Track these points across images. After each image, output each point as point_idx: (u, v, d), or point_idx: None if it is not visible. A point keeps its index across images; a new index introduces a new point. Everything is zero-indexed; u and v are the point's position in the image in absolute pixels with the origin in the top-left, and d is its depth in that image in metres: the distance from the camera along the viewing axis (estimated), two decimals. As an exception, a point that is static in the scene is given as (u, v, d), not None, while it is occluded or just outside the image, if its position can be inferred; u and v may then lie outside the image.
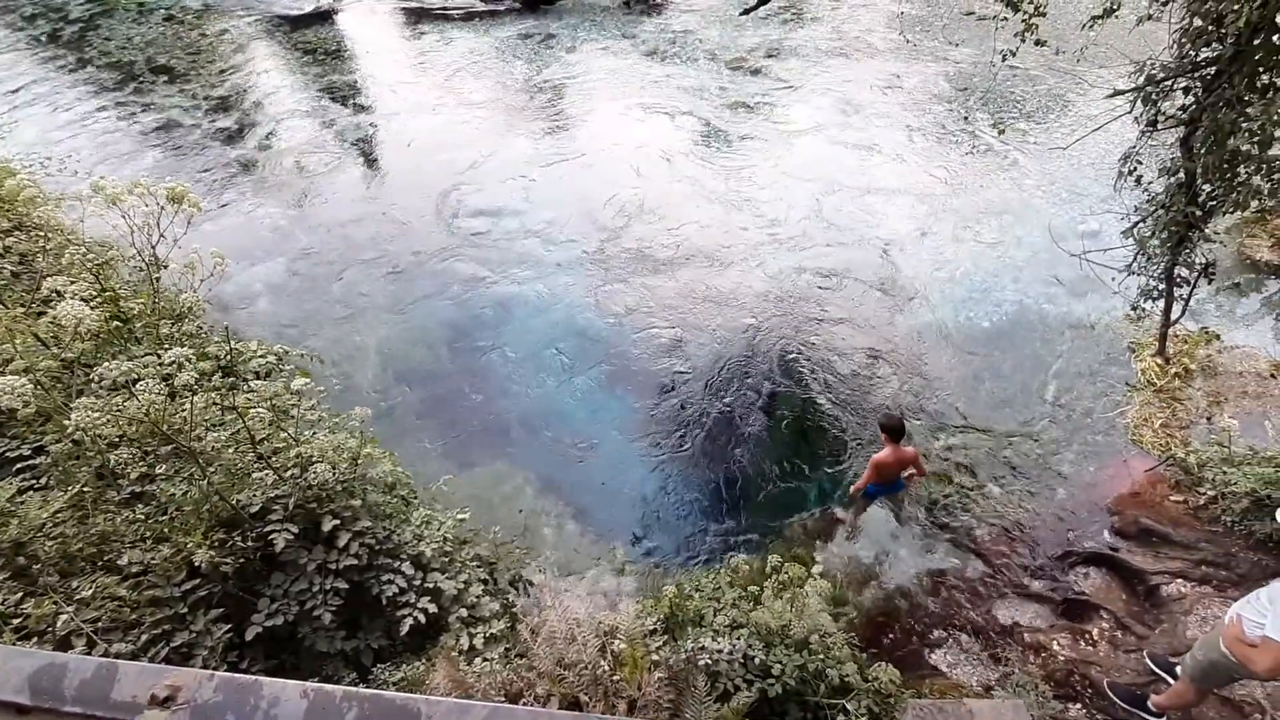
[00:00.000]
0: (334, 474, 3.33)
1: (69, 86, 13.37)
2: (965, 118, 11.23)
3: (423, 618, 3.28)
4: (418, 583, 3.43)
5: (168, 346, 3.10)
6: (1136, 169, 5.57)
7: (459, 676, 2.91)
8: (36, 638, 2.58)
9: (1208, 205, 5.40)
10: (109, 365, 2.85)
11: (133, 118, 12.34)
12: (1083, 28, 5.26)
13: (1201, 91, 5.03)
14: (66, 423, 2.84)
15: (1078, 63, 10.45)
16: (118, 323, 4.06)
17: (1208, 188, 5.33)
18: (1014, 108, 11.54)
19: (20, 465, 3.33)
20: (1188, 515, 5.47)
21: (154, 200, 3.63)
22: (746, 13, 8.96)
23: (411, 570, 3.43)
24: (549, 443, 6.92)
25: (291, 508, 3.22)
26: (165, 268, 3.90)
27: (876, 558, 5.59)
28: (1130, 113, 5.38)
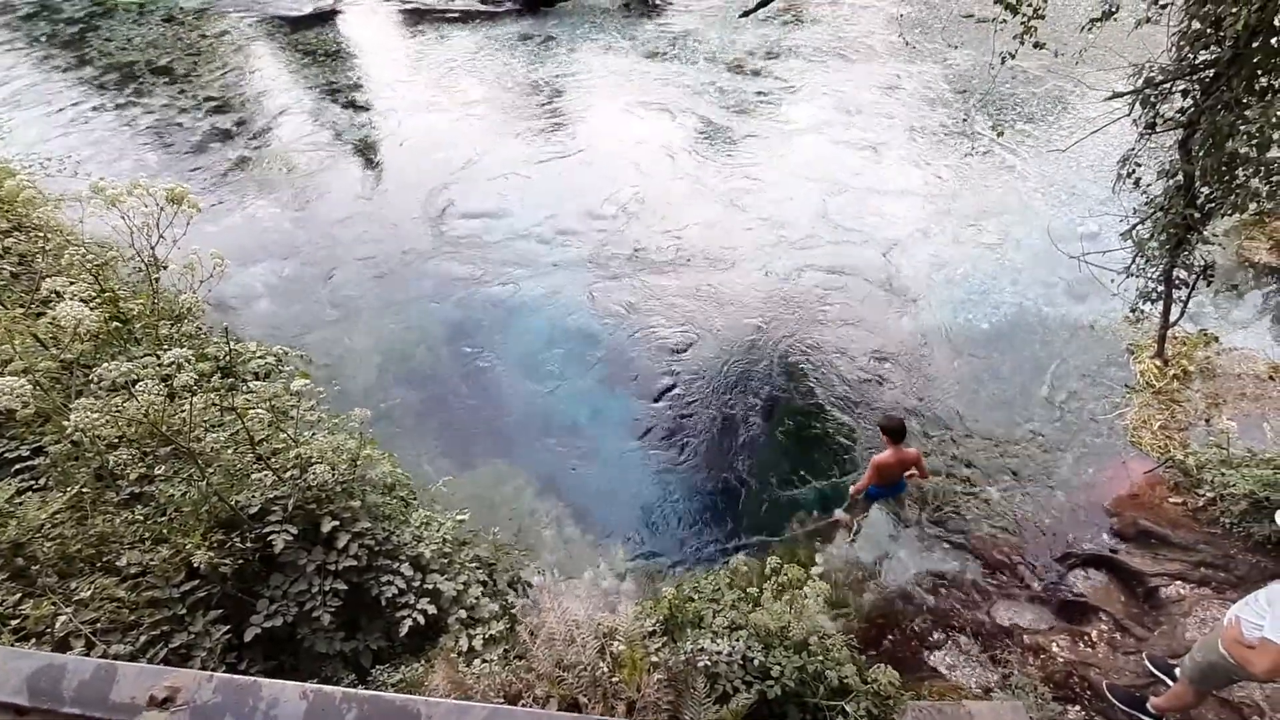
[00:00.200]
0: (333, 475, 3.33)
1: (69, 87, 13.37)
2: (965, 119, 11.24)
3: (422, 619, 3.28)
4: (417, 584, 3.43)
5: (167, 347, 3.10)
6: (1135, 171, 5.58)
7: (458, 678, 2.91)
8: (35, 639, 2.58)
9: (1206, 208, 5.41)
10: (108, 366, 2.86)
11: (133, 119, 12.34)
12: (1081, 30, 5.28)
13: (1200, 94, 5.04)
14: (65, 423, 2.84)
15: (1077, 65, 10.47)
16: (117, 323, 4.06)
17: (1206, 190, 5.34)
18: (1013, 110, 11.56)
19: (19, 466, 3.33)
20: (1186, 517, 5.48)
21: (153, 201, 3.63)
22: (746, 14, 8.98)
23: (411, 571, 3.43)
24: (549, 444, 6.91)
25: (291, 509, 3.22)
26: (165, 268, 3.90)
27: (876, 559, 5.59)
28: (1129, 115, 5.39)
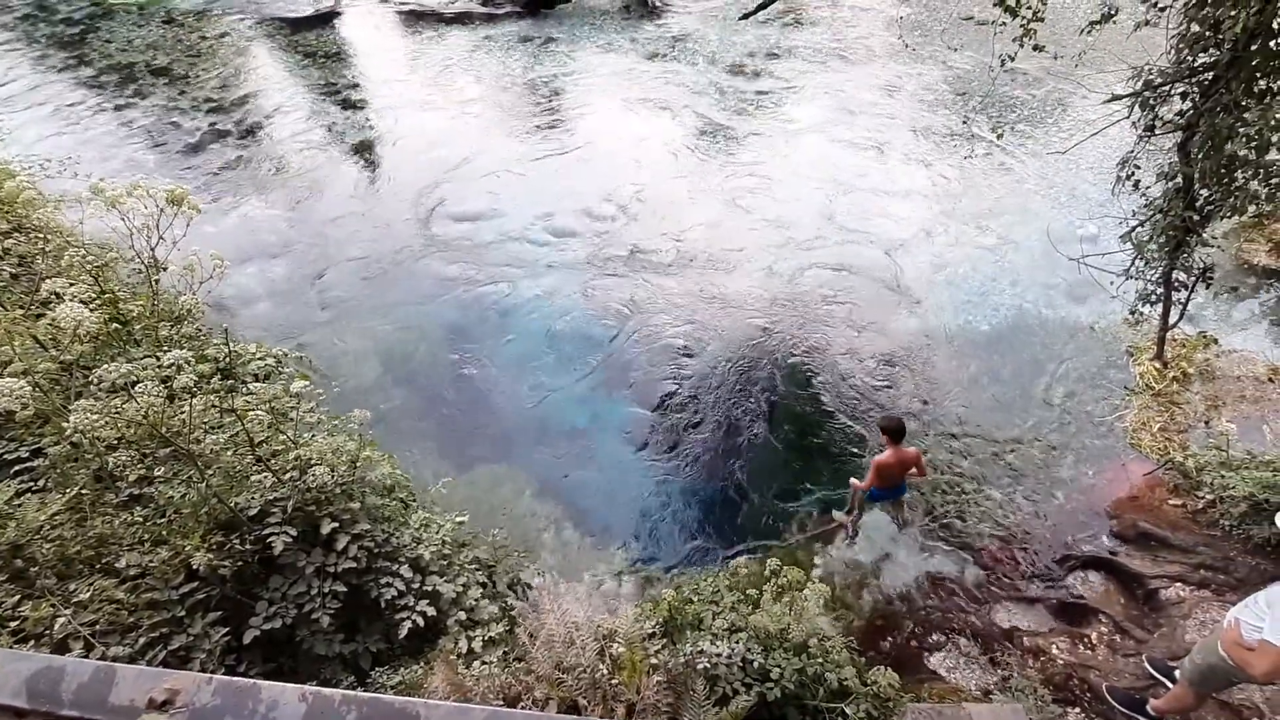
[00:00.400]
0: (333, 477, 3.32)
1: (69, 89, 13.38)
2: (965, 121, 11.25)
3: (421, 621, 3.28)
4: (416, 586, 3.43)
5: (167, 349, 3.10)
6: (1134, 173, 5.58)
7: (457, 680, 2.90)
8: (34, 640, 2.57)
9: (1205, 210, 5.42)
10: (108, 368, 2.85)
11: (133, 120, 12.35)
12: (1081, 33, 5.29)
13: (1199, 97, 5.05)
14: (65, 425, 2.84)
15: (1076, 67, 10.47)
16: (117, 325, 4.06)
17: (1205, 192, 5.35)
18: (1013, 112, 11.57)
19: (19, 467, 3.33)
20: (1186, 519, 5.48)
21: (153, 202, 3.63)
22: (746, 17, 8.99)
23: (410, 573, 3.43)
24: (548, 446, 6.91)
25: (290, 510, 3.22)
26: (164, 270, 3.90)
27: (876, 561, 5.59)
28: (1128, 118, 5.40)
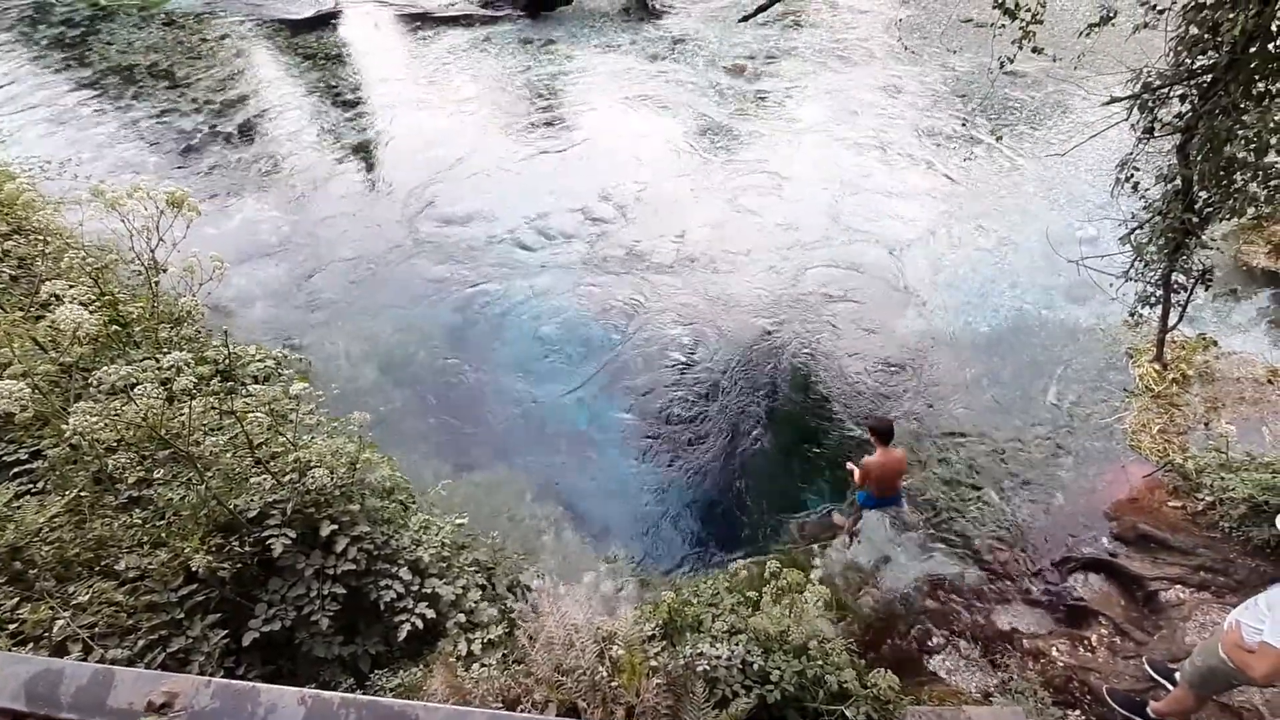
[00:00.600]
0: (332, 479, 3.32)
1: (70, 90, 13.38)
2: (965, 123, 11.27)
3: (420, 623, 3.27)
4: (415, 588, 3.42)
5: (166, 351, 3.10)
6: (1133, 176, 5.59)
7: (457, 682, 2.90)
8: (33, 643, 2.57)
9: (1204, 212, 5.42)
10: (107, 369, 2.85)
11: (133, 121, 12.35)
12: (1080, 35, 5.30)
13: (1198, 99, 5.05)
14: (64, 427, 2.84)
15: (1075, 70, 10.50)
16: (116, 327, 4.06)
17: (1204, 194, 5.35)
18: (1013, 113, 11.58)
19: (17, 469, 3.32)
20: (1186, 521, 5.47)
21: (153, 204, 3.64)
22: (746, 19, 9.01)
23: (409, 575, 3.42)
24: (548, 447, 6.91)
25: (289, 512, 3.22)
26: (164, 271, 3.91)
27: (875, 564, 5.58)
28: (1127, 120, 5.41)
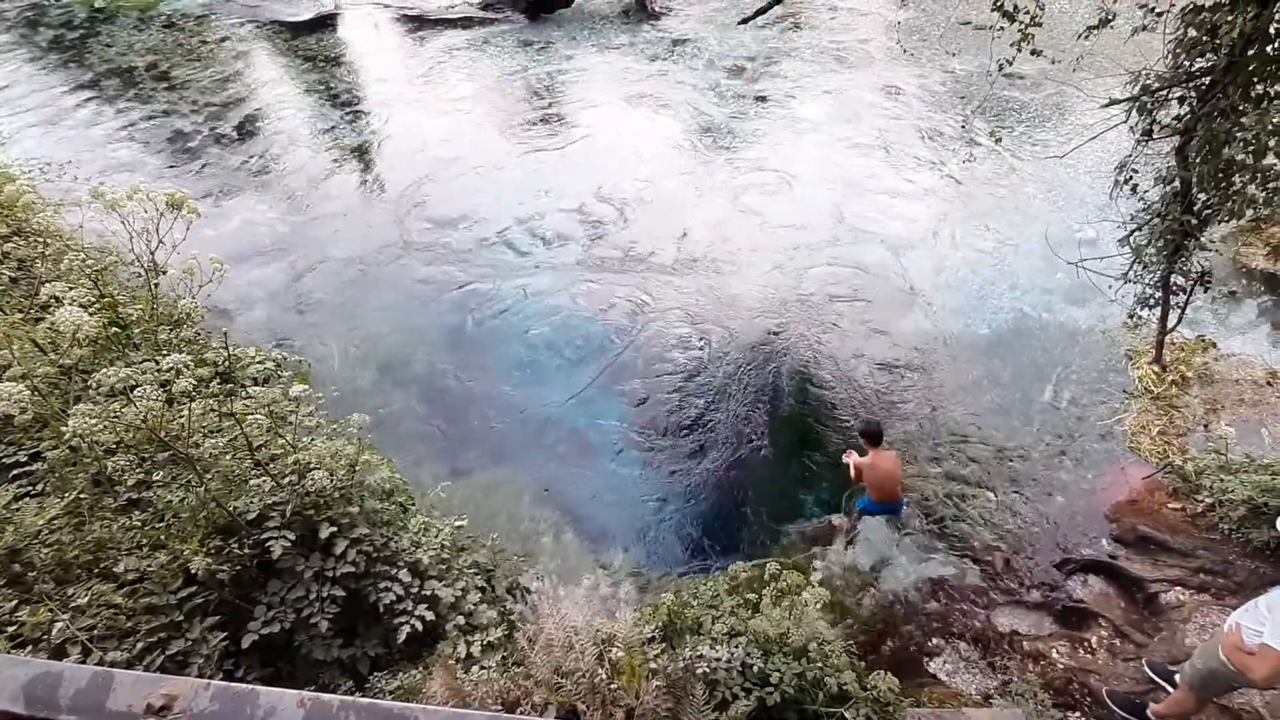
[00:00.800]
0: (331, 481, 3.32)
1: (69, 92, 13.40)
2: (964, 125, 11.28)
3: (420, 625, 3.27)
4: (415, 590, 3.42)
5: (166, 352, 3.10)
6: (1132, 178, 5.60)
7: (456, 685, 2.89)
8: (31, 646, 2.56)
9: (1203, 214, 5.43)
10: (107, 371, 2.85)
11: (133, 124, 12.36)
12: (1078, 38, 5.31)
13: (1196, 101, 5.06)
14: (64, 429, 2.84)
15: (1074, 72, 10.51)
16: (116, 328, 4.06)
17: (1203, 196, 5.36)
18: (1012, 115, 11.60)
19: (17, 472, 3.32)
20: (1185, 523, 5.47)
21: (153, 206, 3.63)
22: (745, 21, 9.04)
23: (409, 577, 3.42)
24: (548, 449, 6.91)
25: (289, 515, 3.21)
26: (164, 273, 3.90)
27: (875, 565, 5.58)
28: (1126, 122, 5.41)
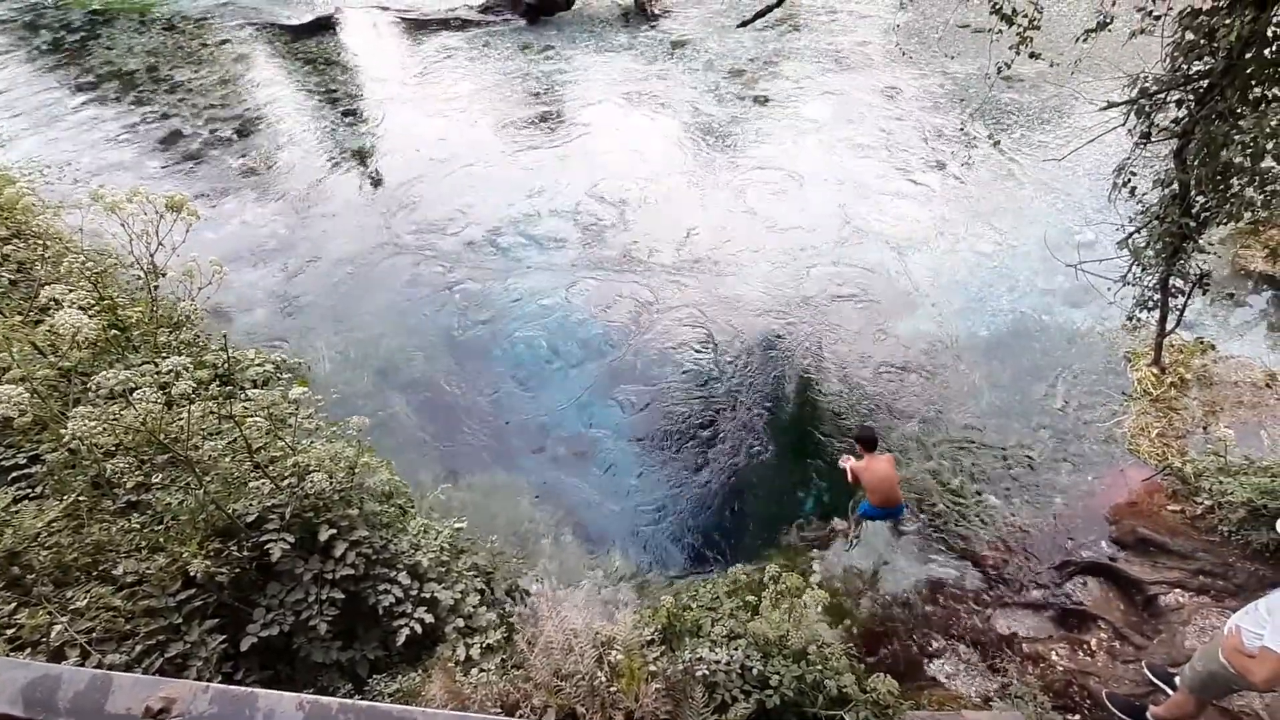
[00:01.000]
0: (331, 483, 3.32)
1: (69, 95, 13.42)
2: (962, 128, 11.30)
3: (419, 628, 3.27)
4: (414, 593, 3.42)
5: (165, 355, 3.10)
6: (1131, 180, 5.60)
7: (455, 687, 2.89)
8: (30, 648, 2.56)
9: (1201, 216, 5.43)
10: (106, 374, 2.85)
11: (132, 126, 12.38)
12: (1076, 41, 5.32)
13: (1194, 104, 5.07)
14: (63, 431, 2.84)
15: (1073, 74, 10.54)
16: (115, 331, 4.06)
17: (1201, 199, 5.37)
18: (1011, 118, 11.61)
19: (16, 474, 3.32)
20: (1185, 525, 5.47)
21: (153, 208, 3.64)
22: (745, 24, 9.06)
23: (408, 580, 3.42)
24: (547, 451, 6.90)
25: (288, 517, 3.21)
26: (164, 276, 3.91)
27: (875, 568, 5.58)
28: (1124, 124, 5.42)
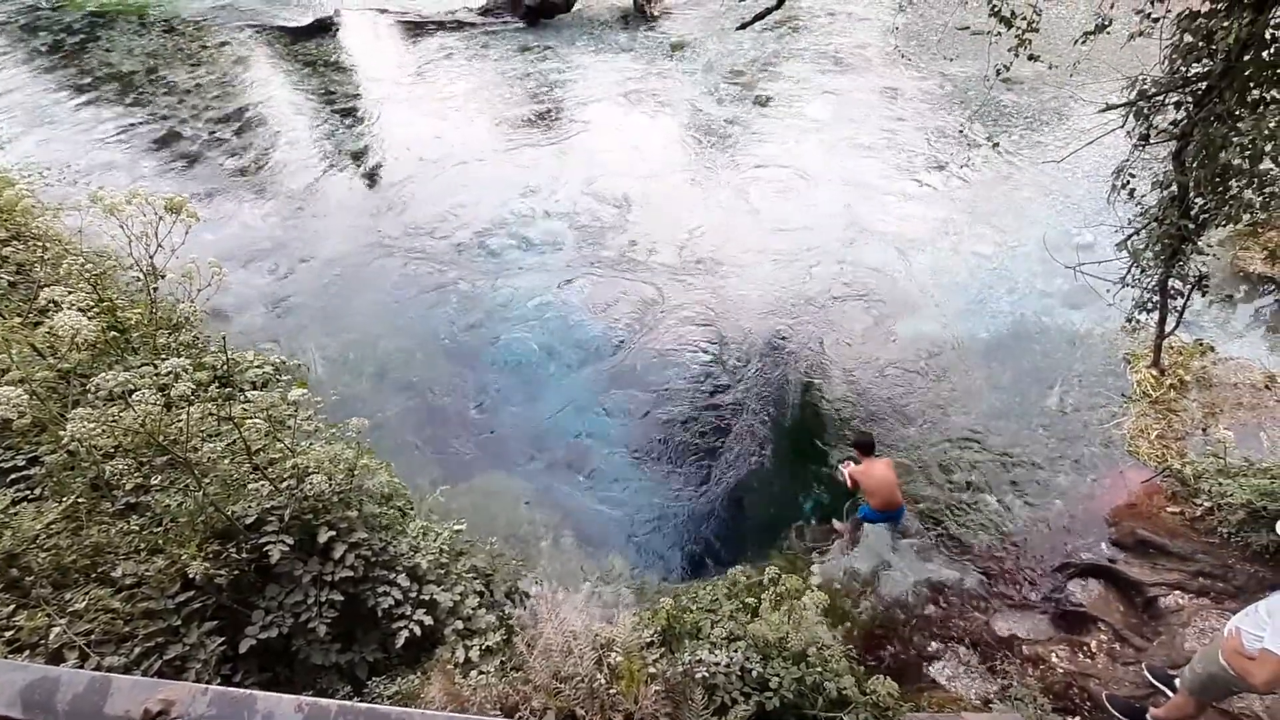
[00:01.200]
0: (330, 485, 3.31)
1: (69, 97, 13.43)
2: (961, 130, 11.32)
3: (418, 630, 3.26)
4: (413, 595, 3.41)
5: (164, 356, 3.10)
6: (1130, 182, 5.61)
7: (454, 690, 2.89)
8: (29, 650, 2.56)
9: (1200, 218, 5.44)
10: (105, 375, 2.85)
11: (132, 128, 12.39)
12: (1075, 43, 5.32)
13: (1193, 106, 5.08)
14: (62, 433, 2.83)
15: (1072, 76, 10.56)
16: (115, 333, 4.06)
17: (1200, 201, 5.37)
18: (1010, 119, 11.64)
19: (15, 476, 3.31)
20: (1184, 526, 5.47)
21: (152, 210, 3.64)
22: (743, 27, 9.06)
23: (407, 582, 3.41)
24: (547, 453, 6.90)
25: (287, 519, 3.21)
26: (163, 277, 3.91)
27: (875, 570, 5.57)
28: (1123, 127, 5.43)
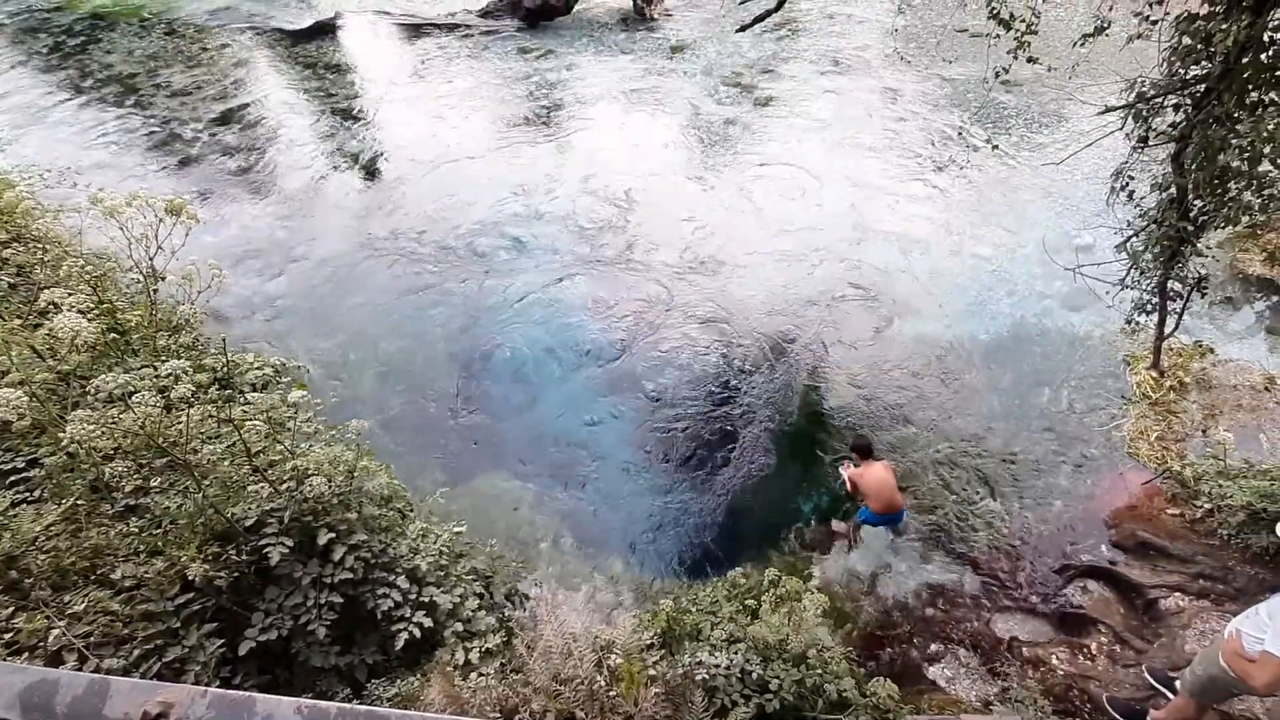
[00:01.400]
0: (330, 487, 3.31)
1: (69, 99, 13.44)
2: (960, 132, 11.34)
3: (418, 632, 3.26)
4: (413, 597, 3.41)
5: (164, 359, 3.10)
6: (1129, 184, 5.62)
7: (454, 692, 2.88)
8: (28, 653, 2.55)
9: (1199, 220, 5.45)
10: (105, 377, 2.85)
11: (132, 130, 12.40)
12: (1074, 45, 5.33)
13: (1191, 108, 5.09)
14: (61, 435, 2.83)
15: (1071, 79, 10.57)
16: (115, 335, 4.06)
17: (1199, 203, 5.38)
18: (1009, 121, 11.65)
19: (14, 478, 3.31)
20: (1184, 528, 5.47)
21: (152, 212, 3.65)
22: (743, 29, 9.08)
23: (407, 584, 3.41)
24: (546, 455, 6.90)
25: (287, 521, 3.21)
26: (163, 279, 3.91)
27: (875, 572, 5.57)
28: (1122, 129, 5.44)
